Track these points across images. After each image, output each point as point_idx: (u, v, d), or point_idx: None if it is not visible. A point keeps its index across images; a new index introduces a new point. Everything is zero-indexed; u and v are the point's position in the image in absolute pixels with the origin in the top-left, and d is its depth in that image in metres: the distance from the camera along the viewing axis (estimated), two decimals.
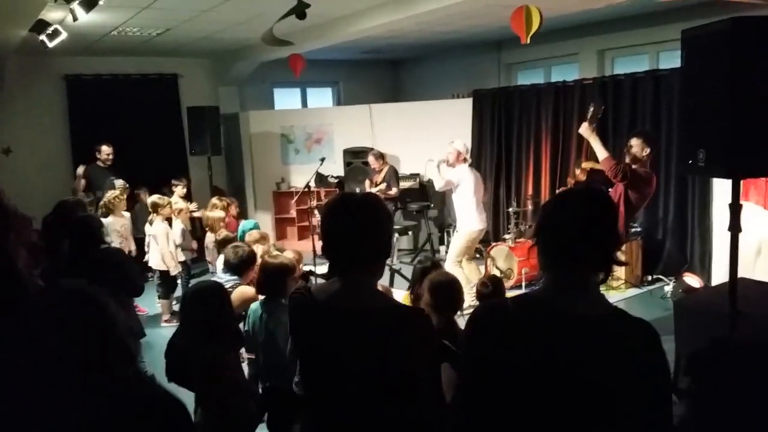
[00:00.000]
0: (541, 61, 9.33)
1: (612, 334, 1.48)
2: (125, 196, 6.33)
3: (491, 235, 8.55)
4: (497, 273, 6.77)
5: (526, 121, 8.32)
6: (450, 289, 2.97)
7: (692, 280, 6.16)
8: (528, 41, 5.69)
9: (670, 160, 6.78)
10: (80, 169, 7.36)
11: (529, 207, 7.58)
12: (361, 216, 1.75)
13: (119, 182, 6.82)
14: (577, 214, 1.52)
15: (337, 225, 1.77)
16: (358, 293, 1.76)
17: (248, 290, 3.68)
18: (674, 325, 4.18)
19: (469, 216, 6.04)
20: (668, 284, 6.51)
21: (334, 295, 1.78)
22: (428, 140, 8.90)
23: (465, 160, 6.17)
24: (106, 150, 7.44)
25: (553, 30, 8.16)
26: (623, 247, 5.70)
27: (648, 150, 5.04)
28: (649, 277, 6.81)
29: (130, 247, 6.13)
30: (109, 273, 3.62)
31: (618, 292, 6.44)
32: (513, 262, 6.67)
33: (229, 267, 3.79)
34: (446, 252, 8.60)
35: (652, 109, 6.90)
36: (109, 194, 6.10)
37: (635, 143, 5.07)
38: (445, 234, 8.85)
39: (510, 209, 7.38)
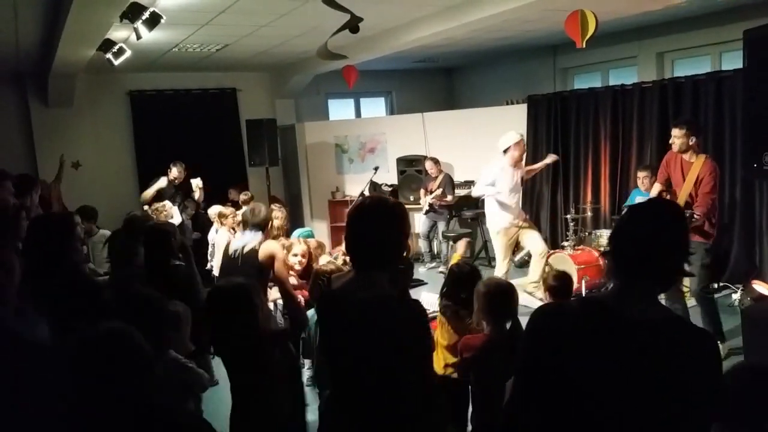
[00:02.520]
0: (598, 65, 9.16)
1: (674, 340, 1.50)
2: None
3: (549, 242, 8.43)
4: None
5: (583, 126, 8.17)
6: (503, 297, 2.93)
7: (761, 288, 5.90)
8: (584, 45, 5.61)
9: (734, 164, 6.53)
10: (162, 181, 7.40)
11: (588, 213, 7.43)
12: (367, 218, 2.02)
13: (196, 181, 7.26)
14: (650, 227, 1.56)
15: (350, 226, 2.05)
16: (363, 285, 1.98)
17: (272, 244, 3.84)
18: (742, 335, 4.03)
19: (494, 213, 6.16)
20: (736, 292, 6.27)
21: (344, 286, 2.09)
22: (482, 147, 8.87)
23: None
24: (175, 172, 7.56)
25: (610, 33, 8.02)
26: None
27: (694, 138, 4.79)
28: (716, 285, 6.56)
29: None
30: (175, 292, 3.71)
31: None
32: (572, 269, 6.54)
33: (250, 227, 3.91)
34: None
35: (715, 112, 6.68)
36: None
37: (678, 134, 4.81)
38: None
39: (568, 216, 7.25)
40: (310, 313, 3.81)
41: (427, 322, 2.03)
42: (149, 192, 7.36)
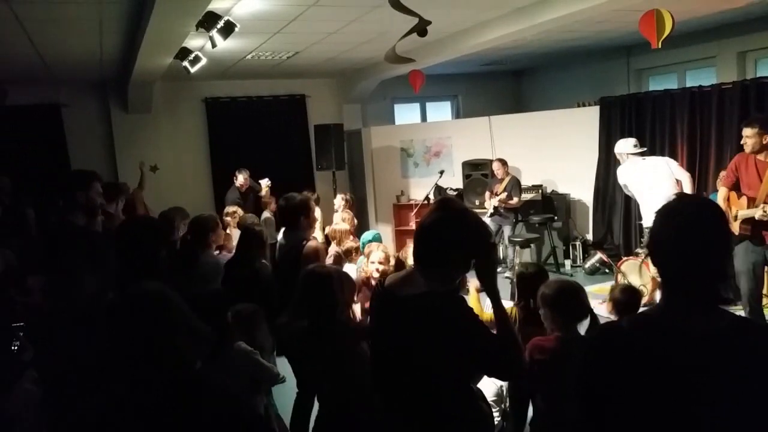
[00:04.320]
0: (674, 66, 8.84)
1: (732, 347, 1.42)
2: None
3: (622, 249, 8.18)
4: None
5: (659, 128, 7.88)
6: (568, 295, 2.80)
7: None
8: (659, 46, 5.42)
9: None
10: (265, 182, 7.76)
11: None
12: (424, 223, 2.03)
13: (265, 181, 7.45)
14: (686, 232, 1.47)
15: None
16: (410, 281, 2.02)
17: (316, 243, 3.80)
18: None
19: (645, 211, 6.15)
20: None
21: (393, 282, 2.10)
22: (552, 151, 8.72)
23: (628, 156, 6.35)
24: (241, 179, 7.83)
25: (687, 33, 7.73)
26: None
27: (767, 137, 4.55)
28: None
29: None
30: (256, 290, 3.79)
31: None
32: (646, 277, 6.33)
33: (281, 216, 3.91)
34: (571, 266, 8.36)
35: None
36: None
37: (750, 133, 4.56)
38: (570, 248, 8.57)
39: (642, 222, 7.01)
40: None
41: (470, 321, 1.96)
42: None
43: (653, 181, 6.06)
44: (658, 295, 6.03)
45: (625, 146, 6.39)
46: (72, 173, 4.12)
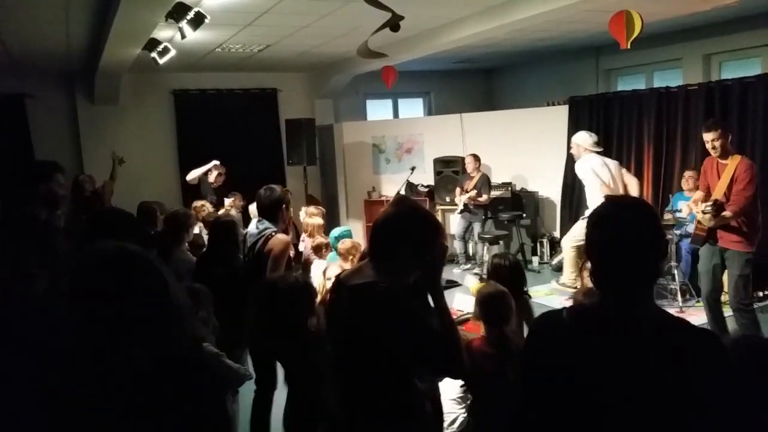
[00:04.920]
0: (642, 67, 9.00)
1: (667, 344, 1.45)
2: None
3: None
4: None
5: (626, 128, 8.03)
6: (498, 302, 2.96)
7: None
8: (629, 46, 5.51)
9: None
10: (214, 163, 7.64)
11: None
12: (378, 219, 2.14)
13: (230, 201, 7.26)
14: (622, 229, 1.53)
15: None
16: (360, 274, 2.12)
17: (284, 237, 3.78)
18: None
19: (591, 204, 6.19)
20: None
21: (347, 274, 2.23)
22: (522, 149, 8.81)
23: (588, 150, 6.42)
24: (213, 175, 7.67)
25: (655, 34, 7.87)
26: None
27: (730, 136, 4.62)
28: (760, 294, 6.37)
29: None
30: (234, 285, 3.73)
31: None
32: None
33: (261, 208, 3.84)
34: (539, 263, 8.46)
35: (765, 115, 6.48)
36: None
37: (715, 135, 4.54)
38: (538, 244, 8.68)
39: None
40: None
41: (409, 312, 1.99)
42: (196, 173, 7.61)
43: (610, 179, 6.19)
44: None
45: (586, 140, 6.47)
46: (34, 164, 4.03)
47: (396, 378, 2.03)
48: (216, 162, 7.63)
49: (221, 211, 7.27)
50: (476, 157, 8.36)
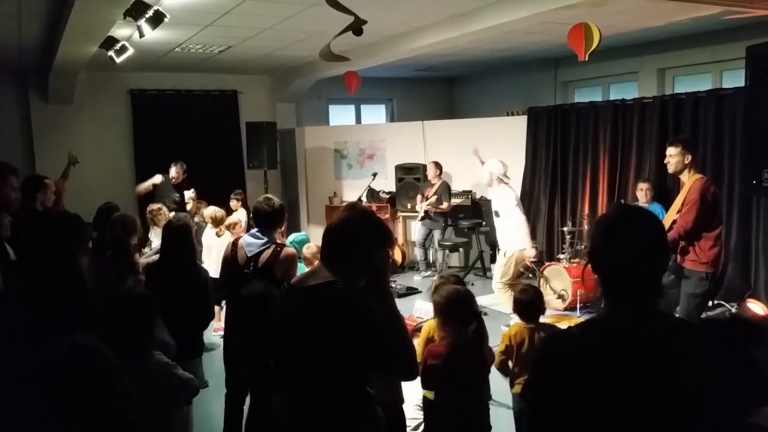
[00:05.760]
0: (599, 79, 9.20)
1: (678, 345, 1.47)
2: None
3: (545, 255, 8.41)
4: (552, 294, 6.66)
5: (583, 139, 8.19)
6: (454, 305, 2.91)
7: (756, 307, 5.91)
8: (586, 58, 5.62)
9: (733, 182, 6.54)
10: (157, 178, 7.50)
11: (585, 226, 7.43)
12: (331, 222, 2.23)
13: (189, 193, 7.22)
14: (629, 240, 1.51)
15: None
16: (315, 276, 2.16)
17: (291, 250, 3.67)
18: None
19: (518, 236, 6.01)
20: (730, 310, 6.26)
21: (298, 278, 2.35)
22: (482, 157, 8.88)
23: (501, 180, 6.09)
24: (173, 171, 7.58)
25: (612, 48, 8.05)
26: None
27: (690, 156, 4.58)
28: (710, 303, 6.55)
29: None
30: (194, 291, 3.63)
31: None
32: (567, 282, 6.54)
33: (260, 218, 3.69)
34: None
35: (714, 129, 6.69)
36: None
37: (674, 152, 4.59)
38: (497, 252, 8.75)
39: (565, 228, 7.25)
40: None
41: (364, 309, 2.02)
42: (143, 186, 7.52)
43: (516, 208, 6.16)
44: (579, 300, 6.26)
45: (500, 169, 6.17)
46: None
47: (345, 380, 2.03)
48: (158, 178, 7.53)
49: (189, 206, 7.20)
50: (437, 165, 8.41)
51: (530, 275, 7.99)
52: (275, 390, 2.23)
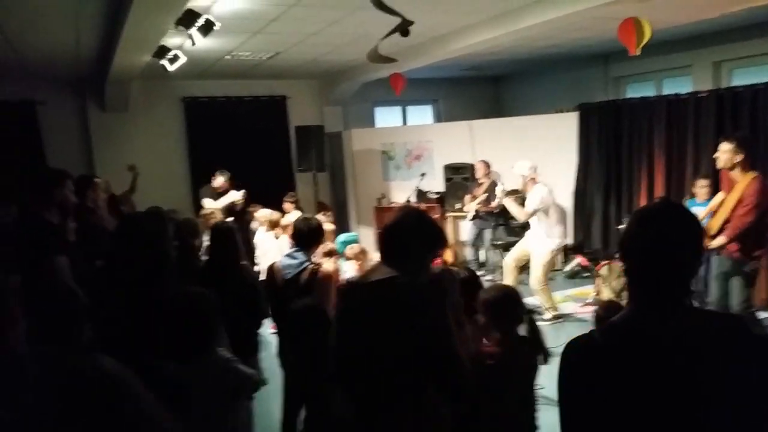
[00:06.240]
0: (651, 74, 8.96)
1: (704, 345, 1.41)
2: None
3: (601, 253, 8.25)
4: (609, 292, 6.52)
5: (636, 135, 7.99)
6: (506, 303, 2.85)
7: None
8: (638, 53, 5.49)
9: None
10: (237, 195, 7.59)
11: None
12: (387, 223, 2.31)
13: (239, 194, 7.36)
14: (661, 237, 1.47)
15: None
16: (377, 272, 2.23)
17: (327, 271, 3.68)
18: None
19: (549, 234, 6.08)
20: None
21: (361, 276, 2.43)
22: (531, 156, 8.75)
23: (534, 180, 6.19)
24: (220, 180, 7.70)
25: (665, 41, 7.84)
26: None
27: (742, 155, 4.51)
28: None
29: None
30: (243, 291, 3.69)
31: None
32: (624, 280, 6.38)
33: (299, 237, 3.74)
34: (551, 269, 8.39)
35: None
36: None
37: (726, 148, 4.55)
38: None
39: (620, 226, 7.09)
40: None
41: (433, 304, 2.08)
42: (220, 203, 7.55)
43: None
44: None
45: (529, 168, 6.24)
46: (47, 170, 4.07)
47: (409, 374, 2.04)
48: (236, 195, 7.62)
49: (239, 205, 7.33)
50: (486, 164, 8.34)
51: (586, 274, 7.87)
52: (337, 387, 2.26)
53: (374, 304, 2.12)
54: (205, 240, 6.15)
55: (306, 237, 3.74)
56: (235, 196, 7.57)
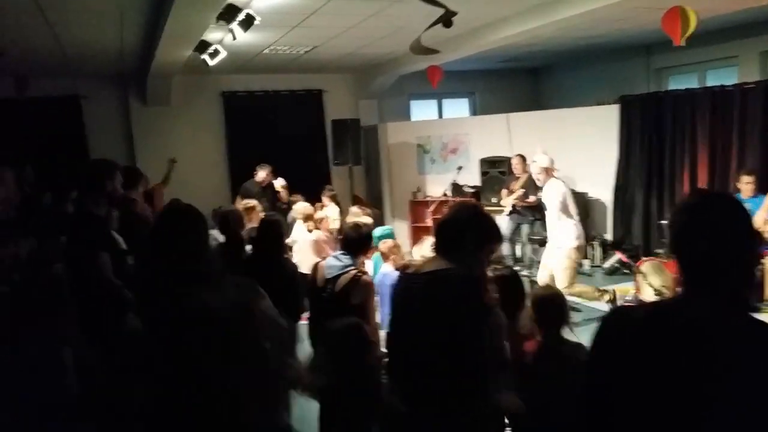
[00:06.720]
0: (695, 65, 8.75)
1: (748, 346, 1.35)
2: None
3: (641, 249, 8.10)
4: (650, 290, 6.39)
5: (679, 128, 7.80)
6: (554, 305, 2.94)
7: None
8: (683, 43, 5.36)
9: None
10: (259, 176, 7.78)
11: None
12: (443, 218, 2.36)
13: (279, 182, 7.41)
14: (714, 228, 1.42)
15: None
16: (433, 264, 2.27)
17: (369, 278, 3.68)
18: None
19: (570, 232, 5.87)
20: None
21: (416, 267, 2.39)
22: (570, 149, 8.65)
23: (550, 172, 5.94)
24: (262, 174, 7.82)
25: (709, 31, 7.63)
26: None
27: None
28: None
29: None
30: (284, 283, 3.70)
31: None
32: (667, 278, 6.24)
33: (348, 244, 3.75)
34: (590, 266, 8.29)
35: None
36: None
37: None
38: (589, 247, 8.50)
39: (663, 221, 6.94)
40: None
41: (483, 300, 2.14)
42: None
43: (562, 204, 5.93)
44: None
45: (548, 161, 6.00)
46: (97, 162, 4.13)
47: (465, 366, 2.05)
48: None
49: (281, 194, 7.41)
50: (523, 158, 8.24)
51: (626, 270, 7.73)
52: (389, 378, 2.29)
53: (427, 295, 2.14)
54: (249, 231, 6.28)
55: (354, 244, 3.74)
56: (277, 183, 7.68)
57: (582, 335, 3.08)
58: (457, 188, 9.00)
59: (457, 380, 2.05)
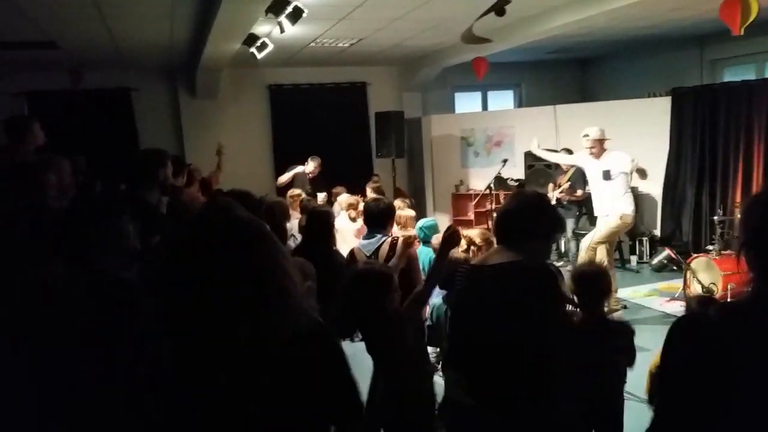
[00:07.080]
0: (751, 56, 8.42)
1: None
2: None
3: (691, 246, 7.89)
4: (698, 287, 6.22)
5: (734, 121, 7.54)
6: (597, 280, 2.90)
7: None
8: (742, 33, 5.16)
9: None
10: (299, 169, 7.99)
11: (737, 216, 6.86)
12: (506, 207, 2.31)
13: (322, 196, 7.39)
14: None
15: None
16: (499, 256, 2.21)
17: (406, 236, 3.82)
18: None
19: (625, 201, 5.99)
20: None
21: (482, 258, 2.34)
22: (620, 143, 8.44)
23: (603, 143, 6.14)
24: (311, 166, 7.97)
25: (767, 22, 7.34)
26: None
27: None
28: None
29: None
30: (332, 275, 3.78)
31: None
32: (717, 275, 6.07)
33: (372, 218, 3.86)
34: (638, 262, 8.11)
35: None
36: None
37: None
38: (637, 243, 8.32)
39: (715, 218, 6.73)
40: (437, 301, 3.79)
41: (553, 287, 2.08)
42: (285, 177, 7.92)
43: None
44: (729, 295, 5.81)
45: (601, 133, 6.17)
46: (150, 151, 4.23)
47: (533, 358, 2.02)
48: (300, 168, 7.94)
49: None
50: (569, 152, 8.10)
51: (674, 267, 7.55)
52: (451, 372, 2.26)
53: (498, 289, 2.08)
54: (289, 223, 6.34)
55: (377, 216, 3.83)
56: (299, 169, 7.85)
57: None
58: (501, 181, 8.89)
59: (531, 379, 2.01)
